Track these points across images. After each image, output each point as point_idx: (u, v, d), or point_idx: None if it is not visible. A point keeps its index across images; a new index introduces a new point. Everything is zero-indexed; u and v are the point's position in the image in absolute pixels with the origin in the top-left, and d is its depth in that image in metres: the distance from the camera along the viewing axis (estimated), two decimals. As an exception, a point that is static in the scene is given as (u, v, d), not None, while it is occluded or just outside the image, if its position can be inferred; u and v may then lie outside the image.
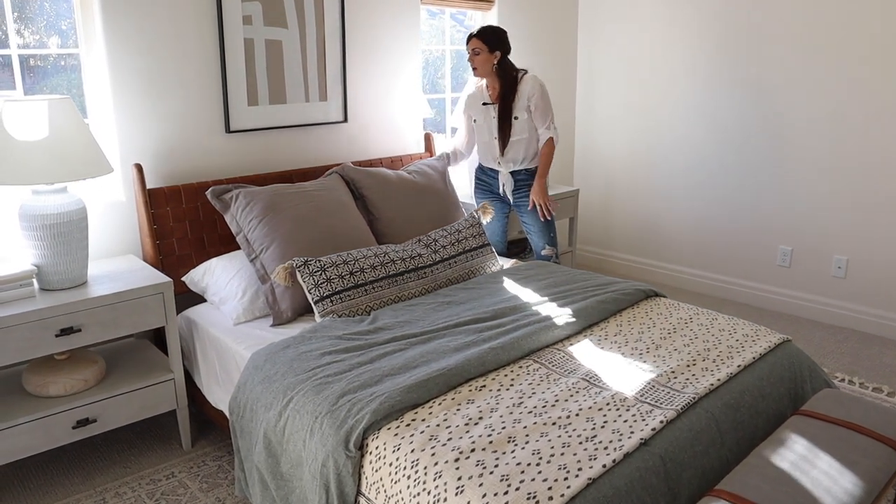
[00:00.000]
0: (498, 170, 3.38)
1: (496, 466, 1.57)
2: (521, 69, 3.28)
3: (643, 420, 1.75)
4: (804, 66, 3.63)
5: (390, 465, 1.67)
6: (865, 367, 3.26)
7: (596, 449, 1.63)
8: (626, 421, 1.75)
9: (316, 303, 2.45)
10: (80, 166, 2.23)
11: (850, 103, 3.51)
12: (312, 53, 3.17)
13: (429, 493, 1.56)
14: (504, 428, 1.72)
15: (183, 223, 2.77)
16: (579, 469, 1.55)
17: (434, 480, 1.57)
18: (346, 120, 3.37)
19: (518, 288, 2.66)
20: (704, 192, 4.18)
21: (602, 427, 1.72)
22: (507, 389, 1.92)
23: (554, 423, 1.74)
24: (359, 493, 1.73)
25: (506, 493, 1.48)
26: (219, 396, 2.46)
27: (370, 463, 1.72)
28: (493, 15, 4.02)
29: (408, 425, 1.75)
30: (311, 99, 3.21)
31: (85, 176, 2.25)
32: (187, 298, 2.79)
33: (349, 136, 3.42)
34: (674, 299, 4.10)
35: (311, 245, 2.63)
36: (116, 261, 2.65)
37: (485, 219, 3.22)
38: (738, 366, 2.07)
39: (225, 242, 2.87)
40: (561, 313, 2.37)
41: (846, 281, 3.69)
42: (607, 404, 1.83)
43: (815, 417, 1.91)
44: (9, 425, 2.16)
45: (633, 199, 4.55)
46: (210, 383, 2.52)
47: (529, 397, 1.88)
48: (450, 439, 1.68)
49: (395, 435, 1.72)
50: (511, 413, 1.79)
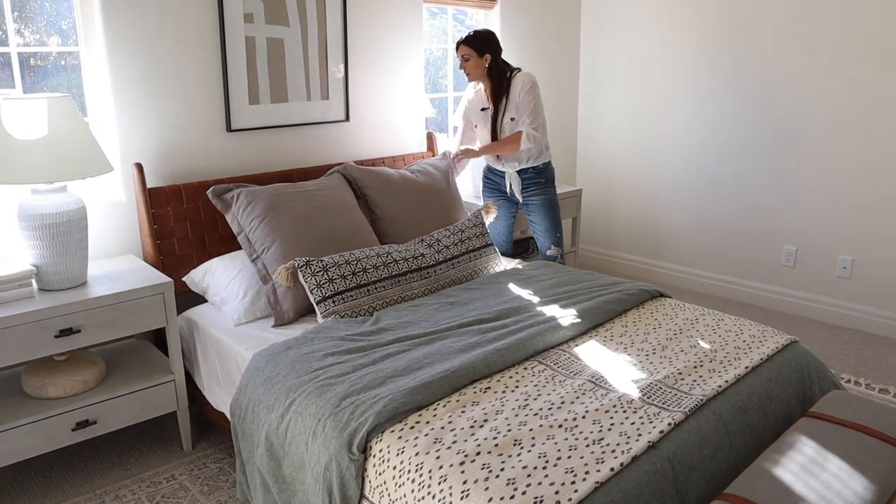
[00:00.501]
0: (504, 170, 3.35)
1: (502, 470, 1.54)
2: (515, 68, 3.24)
3: (650, 422, 1.72)
4: (808, 65, 3.61)
5: (394, 468, 1.64)
6: (871, 368, 3.23)
7: (603, 452, 1.60)
8: (633, 423, 1.72)
9: (318, 303, 2.42)
10: (79, 165, 2.21)
11: (855, 102, 3.49)
12: (314, 52, 3.14)
13: (434, 498, 1.53)
14: (510, 430, 1.69)
15: (184, 223, 2.75)
16: (586, 472, 1.53)
17: (439, 484, 1.54)
18: (347, 119, 3.34)
19: (522, 288, 2.64)
20: (708, 192, 4.15)
21: (609, 429, 1.70)
22: (513, 391, 1.90)
23: (560, 426, 1.72)
24: (362, 496, 1.70)
25: (512, 497, 1.46)
26: (220, 398, 2.44)
27: (374, 466, 1.69)
28: (495, 14, 3.99)
29: (412, 428, 1.72)
30: (313, 98, 3.19)
31: (84, 175, 2.22)
32: (188, 299, 2.76)
33: (351, 136, 3.39)
34: (677, 299, 4.12)
35: (313, 245, 2.60)
36: (116, 261, 2.63)
37: (488, 218, 3.20)
38: (746, 367, 2.04)
39: (226, 242, 2.84)
40: (566, 314, 2.34)
41: (851, 281, 3.67)
42: (614, 406, 1.80)
43: (824, 419, 1.88)
44: (7, 427, 2.14)
45: (636, 198, 4.52)
46: (211, 384, 2.49)
47: (535, 399, 1.85)
48: (455, 442, 1.65)
49: (399, 438, 1.69)
50: (517, 415, 1.77)
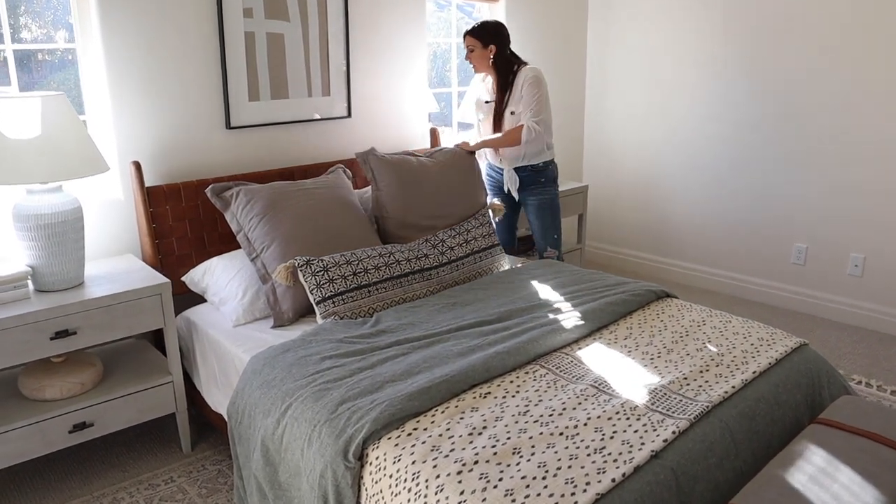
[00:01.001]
0: (503, 167, 3.30)
1: (500, 480, 1.50)
2: (523, 62, 3.19)
3: (654, 430, 1.68)
4: (819, 59, 3.52)
5: (390, 476, 1.61)
6: (883, 368, 3.17)
7: (605, 461, 1.56)
8: (636, 431, 1.67)
9: (318, 303, 2.38)
10: (74, 165, 2.18)
11: (867, 97, 3.41)
12: (315, 47, 3.10)
13: (430, 508, 1.49)
14: (509, 438, 1.65)
15: (183, 222, 2.71)
16: (587, 483, 1.48)
17: (436, 494, 1.50)
18: (349, 115, 3.30)
19: (525, 289, 2.59)
20: (716, 188, 4.08)
21: (611, 438, 1.65)
22: (513, 397, 1.85)
23: (561, 434, 1.67)
24: (358, 504, 1.67)
25: (510, 509, 1.42)
26: (218, 400, 2.41)
27: (370, 474, 1.65)
28: (500, 7, 3.93)
29: (409, 435, 1.68)
30: (314, 94, 3.14)
31: (79, 175, 2.19)
32: (188, 299, 2.73)
33: (353, 132, 3.35)
34: (685, 298, 4.06)
35: (313, 244, 2.56)
36: (115, 261, 2.60)
37: (495, 218, 3.15)
38: (754, 372, 1.99)
39: (226, 241, 2.81)
40: (569, 316, 2.30)
41: (863, 279, 3.59)
42: (617, 413, 1.76)
43: (834, 426, 1.83)
44: (3, 430, 2.11)
45: (643, 195, 4.45)
46: (210, 386, 2.46)
47: (536, 405, 1.81)
48: (452, 450, 1.61)
49: (396, 445, 1.65)
50: (516, 422, 1.72)
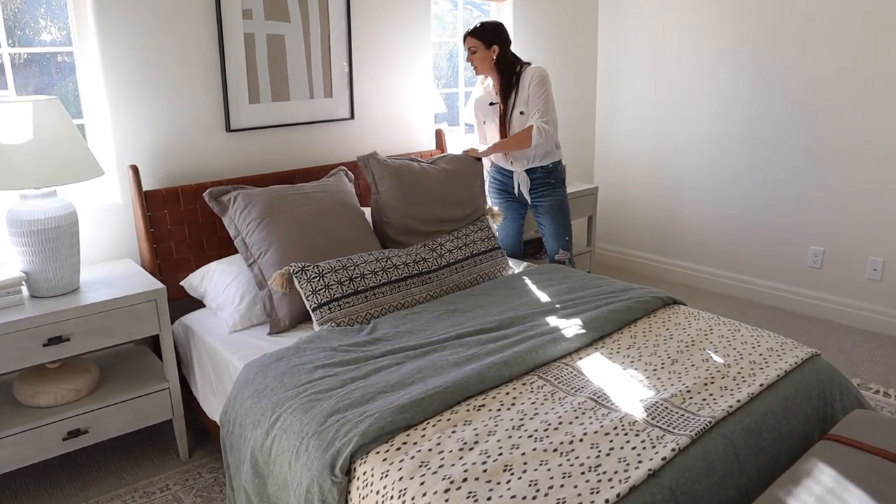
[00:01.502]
0: (512, 170, 3.23)
1: (489, 500, 1.44)
2: (525, 62, 3.12)
3: (653, 447, 1.61)
4: (834, 56, 3.41)
5: (377, 492, 1.55)
6: (902, 377, 3.06)
7: (599, 481, 1.49)
8: (633, 448, 1.61)
9: (314, 310, 2.34)
10: (67, 169, 2.15)
11: (888, 97, 3.29)
12: (317, 48, 3.05)
13: (416, 528, 1.44)
14: (500, 454, 1.59)
15: (181, 226, 2.69)
16: (580, 504, 1.42)
17: (422, 513, 1.45)
18: (352, 117, 3.25)
19: (528, 294, 2.53)
20: (730, 189, 3.98)
21: (608, 455, 1.58)
22: (508, 409, 1.79)
23: (555, 450, 1.61)
24: (345, 521, 1.62)
25: (497, 531, 1.36)
26: (214, 407, 2.37)
27: (357, 489, 1.60)
28: (507, 6, 3.86)
29: (398, 449, 1.63)
30: (316, 95, 3.10)
31: (73, 180, 2.16)
32: (186, 304, 2.70)
33: (356, 134, 3.30)
34: (697, 302, 3.97)
35: (311, 249, 2.52)
36: (112, 265, 2.57)
37: (494, 223, 3.09)
38: (761, 385, 1.91)
39: (225, 246, 2.78)
40: (571, 324, 2.23)
41: (882, 284, 3.48)
42: (615, 428, 1.69)
43: (846, 443, 1.74)
44: (-4, 437, 2.10)
45: (654, 196, 4.36)
46: (206, 393, 2.43)
47: (531, 419, 1.74)
48: (441, 466, 1.56)
49: (384, 460, 1.60)
50: (510, 437, 1.66)
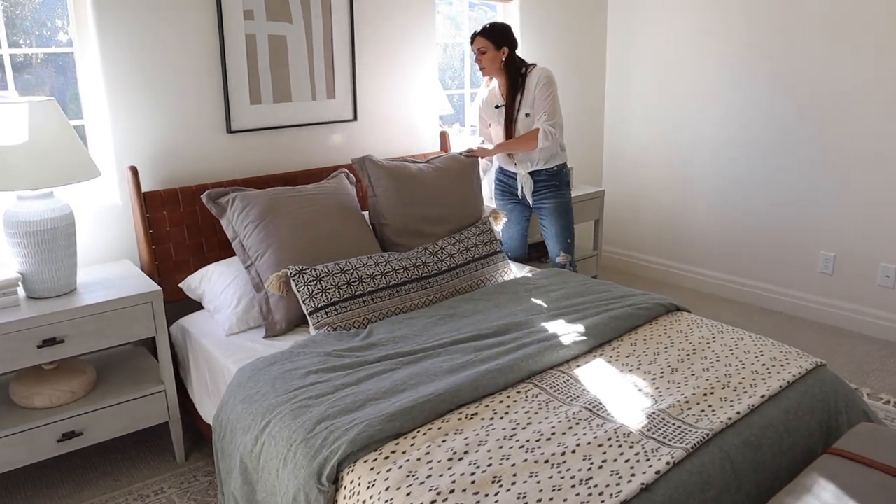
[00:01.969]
0: (517, 172, 3.20)
1: (475, 513, 1.41)
2: (530, 64, 3.08)
3: (647, 460, 1.56)
4: (845, 61, 3.34)
5: (363, 502, 1.52)
6: (914, 387, 2.98)
7: (590, 494, 1.45)
8: (627, 460, 1.57)
9: (310, 314, 2.32)
10: (64, 170, 2.14)
11: (903, 98, 3.22)
12: (319, 49, 3.03)
13: (400, 540, 1.41)
14: (490, 465, 1.55)
15: (180, 227, 2.67)
16: (568, 519, 1.39)
17: (407, 525, 1.42)
18: (355, 118, 3.23)
19: (528, 300, 2.49)
20: (739, 193, 3.91)
21: (600, 467, 1.54)
22: (501, 418, 1.76)
23: (546, 461, 1.57)
24: (332, 530, 1.59)
25: (482, 545, 1.33)
26: (209, 410, 2.36)
27: (344, 498, 1.58)
28: (514, 7, 3.82)
29: (386, 458, 1.60)
30: (318, 97, 3.08)
31: (69, 181, 2.15)
32: (185, 306, 2.69)
33: (359, 136, 3.27)
34: (704, 306, 3.90)
35: (310, 252, 2.50)
36: (111, 267, 2.57)
37: (497, 225, 3.05)
38: (762, 396, 1.86)
39: (225, 248, 2.76)
40: (570, 330, 2.19)
41: (894, 291, 3.40)
42: (609, 439, 1.65)
43: (849, 458, 1.69)
44: (-10, 438, 2.10)
45: (662, 199, 4.30)
46: (202, 396, 2.42)
47: (524, 428, 1.71)
48: (429, 477, 1.52)
49: (372, 469, 1.57)
50: (500, 447, 1.63)
